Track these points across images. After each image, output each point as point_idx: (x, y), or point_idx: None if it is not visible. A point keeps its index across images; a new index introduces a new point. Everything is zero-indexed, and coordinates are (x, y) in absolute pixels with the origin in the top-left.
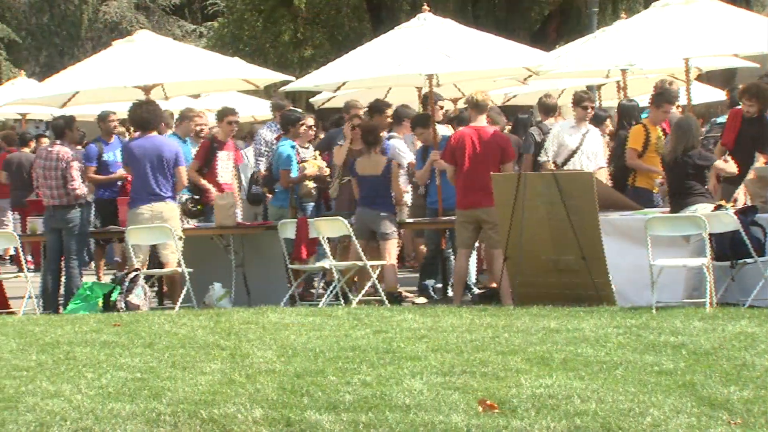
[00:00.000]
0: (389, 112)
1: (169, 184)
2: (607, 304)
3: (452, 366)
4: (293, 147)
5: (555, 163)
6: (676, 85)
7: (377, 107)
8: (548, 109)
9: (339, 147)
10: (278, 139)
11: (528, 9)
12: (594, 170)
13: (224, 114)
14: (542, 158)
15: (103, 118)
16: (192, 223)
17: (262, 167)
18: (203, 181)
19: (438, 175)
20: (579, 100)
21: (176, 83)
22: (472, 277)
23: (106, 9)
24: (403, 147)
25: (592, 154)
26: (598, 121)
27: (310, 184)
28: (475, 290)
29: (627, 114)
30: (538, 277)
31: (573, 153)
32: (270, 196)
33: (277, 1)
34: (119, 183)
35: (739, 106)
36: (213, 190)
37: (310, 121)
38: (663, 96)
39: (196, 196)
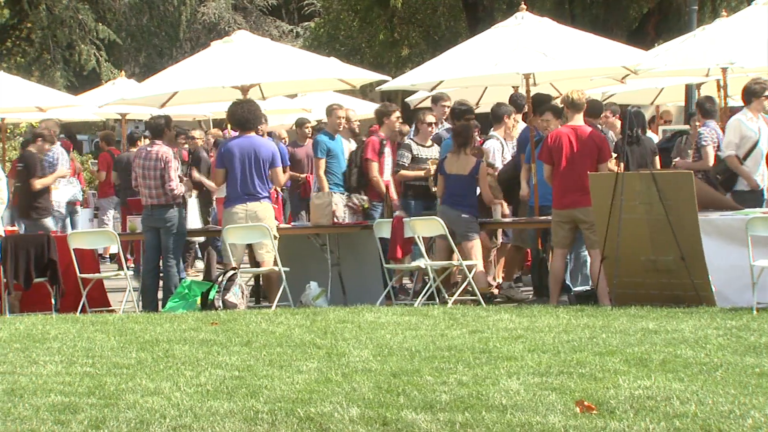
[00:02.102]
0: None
1: (265, 185)
2: (707, 305)
3: (549, 366)
4: None
5: (737, 156)
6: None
7: (542, 100)
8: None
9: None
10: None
11: (626, 7)
12: None
13: (390, 111)
14: (725, 153)
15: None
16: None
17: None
18: (389, 190)
19: (534, 175)
20: (761, 91)
21: (273, 83)
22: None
23: (205, 10)
24: (496, 149)
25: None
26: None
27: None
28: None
29: (632, 121)
30: (636, 277)
31: (755, 144)
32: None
33: (373, 1)
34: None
35: None
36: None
37: (430, 118)
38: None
39: (364, 197)
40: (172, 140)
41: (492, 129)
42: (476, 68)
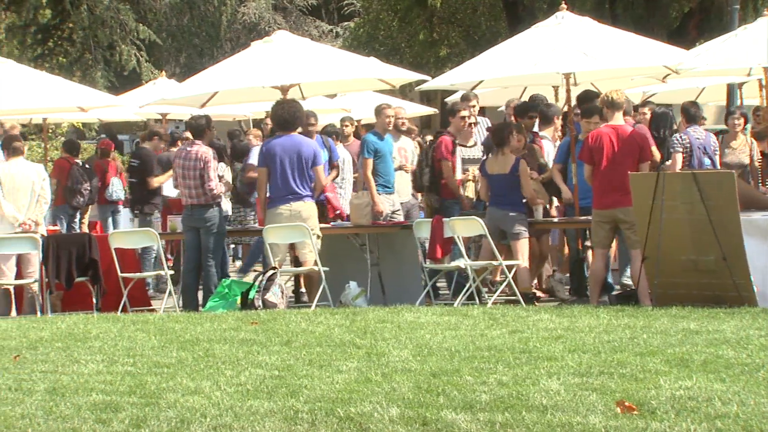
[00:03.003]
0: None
1: (307, 184)
2: (749, 306)
3: (589, 367)
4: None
5: None
6: None
7: (590, 97)
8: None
9: None
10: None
11: (667, 6)
12: None
13: (456, 110)
14: None
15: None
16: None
17: None
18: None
19: (575, 175)
20: None
21: (313, 83)
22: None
23: (245, 10)
24: (549, 150)
25: None
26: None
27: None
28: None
29: (660, 121)
30: (677, 277)
31: None
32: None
33: (412, 1)
34: None
35: None
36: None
37: (471, 118)
38: None
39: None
40: (211, 140)
41: (540, 129)
42: (516, 68)
